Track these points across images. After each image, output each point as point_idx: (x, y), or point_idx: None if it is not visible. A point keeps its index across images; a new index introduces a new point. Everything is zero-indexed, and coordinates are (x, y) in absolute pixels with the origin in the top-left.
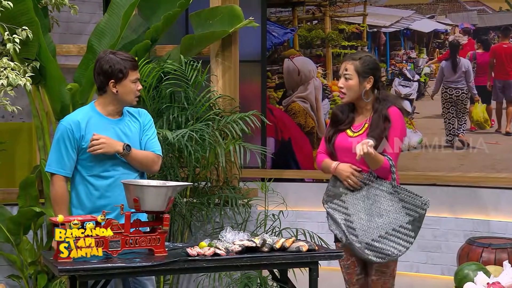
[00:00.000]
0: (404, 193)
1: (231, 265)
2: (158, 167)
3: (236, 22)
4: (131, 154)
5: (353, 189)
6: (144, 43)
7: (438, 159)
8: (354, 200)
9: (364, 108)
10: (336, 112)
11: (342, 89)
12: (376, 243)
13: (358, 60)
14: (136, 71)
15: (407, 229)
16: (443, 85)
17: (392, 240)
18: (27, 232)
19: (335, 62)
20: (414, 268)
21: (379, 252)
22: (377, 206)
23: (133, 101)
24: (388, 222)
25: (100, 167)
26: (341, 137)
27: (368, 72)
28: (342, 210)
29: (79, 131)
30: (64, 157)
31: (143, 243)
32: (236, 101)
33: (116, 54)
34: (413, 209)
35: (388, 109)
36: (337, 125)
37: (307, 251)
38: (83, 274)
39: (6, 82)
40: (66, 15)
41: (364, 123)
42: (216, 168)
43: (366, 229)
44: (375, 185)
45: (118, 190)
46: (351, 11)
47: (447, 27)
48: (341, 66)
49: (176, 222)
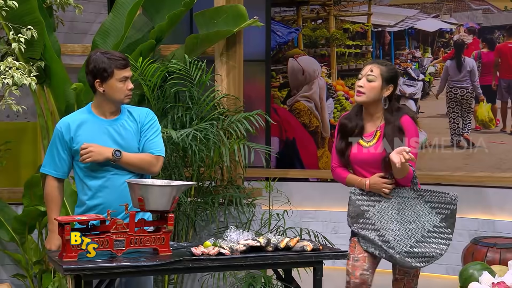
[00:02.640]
0: (429, 194)
1: (235, 264)
2: (157, 169)
3: (240, 22)
4: (123, 159)
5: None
6: (148, 42)
7: (442, 158)
8: (378, 215)
9: (374, 116)
10: (344, 123)
11: (362, 88)
12: (416, 249)
13: (384, 66)
14: (125, 69)
15: (442, 227)
16: (448, 85)
17: (430, 242)
18: (32, 231)
19: (339, 62)
20: None
21: (421, 257)
22: (403, 214)
23: (123, 100)
24: (421, 226)
25: (92, 167)
26: (355, 148)
27: (391, 80)
28: (370, 227)
29: (68, 133)
30: (56, 159)
31: (147, 242)
32: (240, 101)
33: (106, 53)
34: (443, 207)
35: (400, 119)
36: (347, 136)
37: (312, 251)
38: (88, 273)
39: (11, 81)
40: (71, 14)
41: (376, 131)
42: (221, 167)
43: (401, 238)
44: (394, 195)
45: (109, 190)
46: (355, 11)
47: (452, 26)
48: (364, 67)
49: (181, 221)
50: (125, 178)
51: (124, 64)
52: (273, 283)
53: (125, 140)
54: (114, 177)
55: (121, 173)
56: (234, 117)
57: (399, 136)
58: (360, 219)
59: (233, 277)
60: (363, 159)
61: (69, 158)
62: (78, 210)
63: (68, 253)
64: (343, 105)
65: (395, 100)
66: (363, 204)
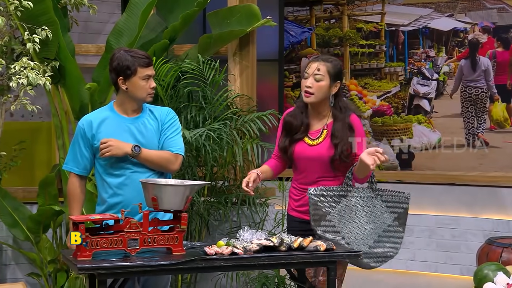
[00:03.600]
0: (386, 193)
1: (249, 264)
2: (176, 166)
3: (253, 21)
4: (142, 155)
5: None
6: (162, 42)
7: (457, 158)
8: (337, 217)
9: (321, 114)
10: (289, 120)
11: (310, 88)
12: (374, 249)
13: (330, 62)
14: (148, 68)
15: (395, 226)
16: (462, 84)
17: (386, 241)
18: (46, 231)
19: (352, 61)
20: (433, 268)
21: (378, 257)
22: (361, 214)
23: (146, 98)
24: (378, 226)
25: (112, 165)
26: (300, 146)
27: (338, 76)
28: (331, 229)
29: (90, 130)
30: (78, 156)
31: (161, 242)
32: (253, 100)
33: (129, 51)
34: (397, 206)
35: (350, 117)
36: (291, 134)
37: (325, 251)
38: (102, 272)
39: (26, 81)
40: (85, 15)
41: (322, 130)
42: (234, 167)
43: (360, 239)
44: (353, 194)
45: (129, 188)
46: (369, 10)
47: (466, 25)
48: (309, 65)
49: (194, 221)
50: (145, 176)
51: (148, 63)
52: (286, 283)
53: (146, 138)
54: (133, 174)
55: (141, 170)
56: (247, 116)
57: (349, 133)
58: (322, 221)
59: (246, 277)
60: (309, 157)
61: (90, 156)
62: (99, 209)
63: (83, 252)
64: (356, 105)
65: (341, 96)
66: (324, 206)
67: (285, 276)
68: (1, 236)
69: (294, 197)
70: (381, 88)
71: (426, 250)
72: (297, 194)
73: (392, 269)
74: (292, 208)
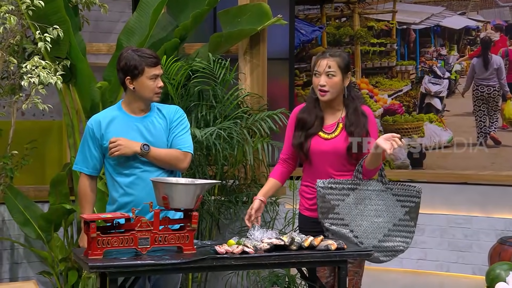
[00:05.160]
0: (397, 187)
1: (259, 263)
2: (185, 165)
3: (264, 20)
4: (151, 154)
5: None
6: (172, 41)
7: (469, 157)
8: (346, 210)
9: (334, 108)
10: (303, 116)
11: (325, 87)
12: (384, 243)
13: (338, 56)
14: (156, 67)
15: (406, 220)
16: (474, 83)
17: (396, 235)
18: (58, 229)
19: (363, 60)
20: (445, 267)
21: (388, 251)
22: (371, 208)
23: (153, 98)
24: (388, 220)
25: (122, 165)
26: (315, 141)
27: (348, 67)
28: (340, 222)
29: (99, 130)
30: (87, 156)
31: (172, 240)
32: (264, 99)
33: (137, 51)
34: (408, 199)
35: (362, 106)
36: (306, 129)
37: (336, 250)
38: (114, 271)
39: (37, 80)
40: (96, 13)
41: (337, 123)
42: (244, 166)
43: (369, 233)
44: (363, 188)
45: (139, 187)
46: (380, 8)
47: (478, 23)
48: (318, 63)
49: (204, 220)
50: (154, 175)
51: (155, 62)
52: (297, 282)
53: (155, 137)
54: (143, 174)
55: (150, 169)
56: (257, 115)
57: (363, 120)
58: (330, 214)
59: (256, 276)
60: (326, 151)
61: (100, 155)
62: (110, 208)
63: (94, 251)
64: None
65: (351, 86)
66: (333, 198)
67: (296, 275)
68: (12, 234)
69: (307, 195)
70: (392, 86)
71: (437, 250)
72: (310, 192)
73: (404, 269)
74: (305, 208)
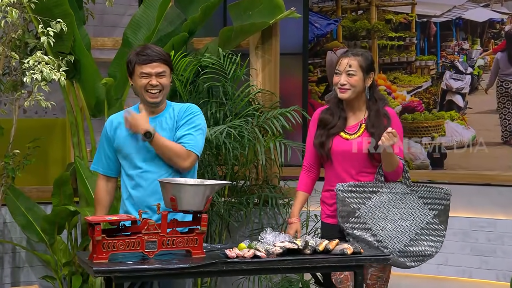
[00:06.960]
0: (423, 189)
1: (272, 267)
2: (186, 164)
3: (276, 13)
4: (155, 139)
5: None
6: (181, 35)
7: (492, 157)
8: (368, 213)
9: (357, 109)
10: (325, 117)
11: (345, 85)
12: (410, 248)
13: (360, 55)
14: (147, 65)
15: (435, 223)
16: (499, 78)
17: (424, 240)
18: (61, 232)
19: (381, 55)
20: (467, 273)
21: (415, 256)
22: (395, 211)
23: (145, 97)
24: (414, 223)
25: (127, 165)
26: (337, 141)
27: (370, 68)
28: (361, 226)
29: (111, 130)
30: (102, 156)
31: (180, 244)
32: (276, 96)
33: (139, 47)
34: (436, 202)
35: (385, 107)
36: (328, 129)
37: (352, 254)
38: (119, 275)
39: (40, 76)
40: (101, 7)
41: (360, 124)
42: (256, 166)
43: (394, 237)
44: (385, 190)
45: (142, 189)
46: (398, 0)
47: (503, 16)
48: (340, 62)
49: (214, 222)
50: (156, 176)
51: (144, 59)
52: (310, 287)
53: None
54: (144, 174)
55: (152, 170)
56: (269, 113)
57: (384, 122)
58: (351, 218)
59: (268, 281)
60: (347, 151)
61: (114, 156)
62: (121, 210)
63: (99, 255)
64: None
65: (376, 87)
66: (353, 202)
67: (310, 280)
68: (14, 237)
69: (329, 201)
70: (412, 83)
71: (459, 254)
72: (331, 197)
73: (423, 274)
74: (327, 215)
